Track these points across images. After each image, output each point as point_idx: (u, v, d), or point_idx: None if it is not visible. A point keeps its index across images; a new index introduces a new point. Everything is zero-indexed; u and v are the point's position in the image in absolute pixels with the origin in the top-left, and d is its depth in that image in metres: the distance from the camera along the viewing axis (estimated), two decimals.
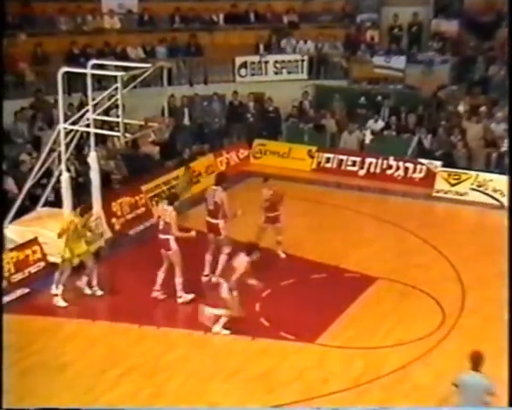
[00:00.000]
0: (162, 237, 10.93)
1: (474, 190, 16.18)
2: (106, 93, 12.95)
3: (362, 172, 17.51)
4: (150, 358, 9.83)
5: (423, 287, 11.67)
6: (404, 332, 10.37)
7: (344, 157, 17.78)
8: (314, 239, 13.67)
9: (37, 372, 9.38)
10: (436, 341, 10.14)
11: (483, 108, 18.01)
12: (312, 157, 18.15)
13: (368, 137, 18.34)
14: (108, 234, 13.41)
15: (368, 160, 17.51)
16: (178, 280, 10.95)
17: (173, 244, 10.86)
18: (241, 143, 18.80)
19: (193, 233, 11.04)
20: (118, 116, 12.31)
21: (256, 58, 20.67)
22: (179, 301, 10.97)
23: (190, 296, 10.99)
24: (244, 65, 20.58)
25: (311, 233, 13.91)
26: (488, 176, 16.16)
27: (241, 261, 9.95)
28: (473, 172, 16.36)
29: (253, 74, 20.72)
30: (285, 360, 9.75)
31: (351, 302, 11.24)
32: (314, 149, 18.21)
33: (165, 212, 10.97)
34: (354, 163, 17.64)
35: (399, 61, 20.59)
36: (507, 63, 18.16)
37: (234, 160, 18.18)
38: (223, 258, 11.81)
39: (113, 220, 13.84)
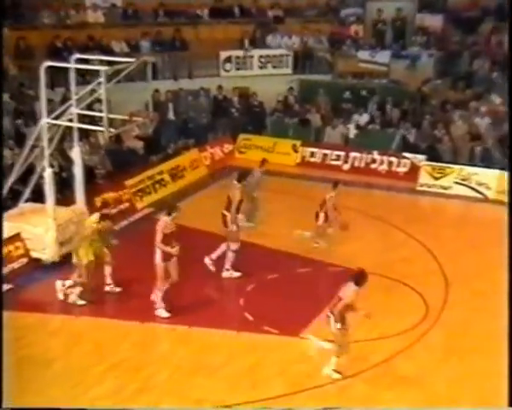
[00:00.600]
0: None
1: (458, 183, 16.29)
2: (89, 87, 12.85)
3: (346, 167, 17.58)
4: (135, 353, 9.81)
5: (407, 281, 11.72)
6: (388, 326, 10.40)
7: (328, 152, 17.84)
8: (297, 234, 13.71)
9: (22, 368, 9.32)
10: (420, 334, 10.19)
11: (472, 104, 18.12)
12: (297, 152, 18.19)
13: (352, 132, 18.41)
14: None
15: (352, 154, 17.59)
16: (157, 294, 10.60)
17: (157, 257, 10.45)
18: (226, 137, 18.78)
19: (175, 250, 10.42)
20: (101, 111, 12.22)
21: (241, 53, 20.64)
22: (155, 312, 10.66)
23: (166, 315, 10.61)
24: (229, 59, 20.54)
25: (296, 228, 13.92)
26: (472, 170, 16.27)
27: (349, 291, 8.99)
28: (457, 166, 16.47)
29: (238, 69, 20.68)
30: (269, 354, 9.75)
31: (335, 296, 11.24)
32: (298, 143, 18.24)
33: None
34: (338, 157, 17.70)
35: (384, 56, 20.67)
36: (504, 63, 18.30)
37: (219, 154, 18.16)
38: (229, 255, 11.84)
39: None
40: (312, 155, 18.03)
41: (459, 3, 21.64)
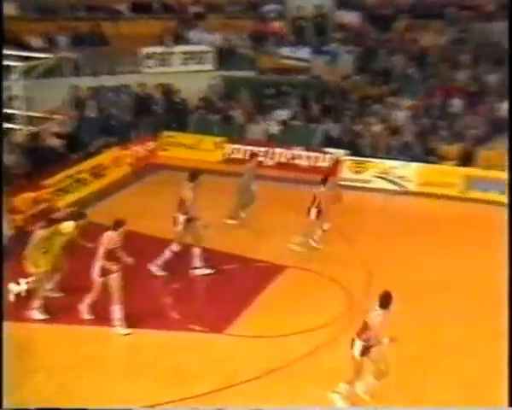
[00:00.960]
0: None
1: (378, 177, 16.69)
2: (3, 84, 12.43)
3: (270, 162, 17.71)
4: (60, 355, 9.59)
5: (331, 274, 11.91)
6: (313, 319, 10.54)
7: (252, 148, 17.89)
8: (223, 230, 13.70)
9: None
10: (343, 326, 10.36)
11: (390, 99, 18.62)
12: (221, 148, 18.17)
13: (274, 128, 18.57)
14: (9, 231, 12.90)
15: (275, 150, 17.75)
16: (87, 300, 10.39)
17: (96, 272, 10.08)
18: (149, 135, 18.56)
19: (114, 268, 9.99)
20: (13, 108, 11.83)
21: (162, 49, 20.43)
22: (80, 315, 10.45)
23: (88, 317, 10.38)
24: (150, 56, 20.29)
25: (221, 224, 13.92)
26: (392, 163, 16.71)
27: (375, 316, 8.37)
28: (377, 160, 16.87)
29: (160, 65, 20.45)
30: (197, 352, 9.71)
31: (260, 292, 11.35)
32: (222, 140, 18.23)
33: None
34: (262, 153, 17.80)
35: (305, 52, 20.93)
36: (419, 59, 18.83)
37: (141, 152, 17.92)
38: (166, 253, 11.67)
39: (15, 217, 13.34)
40: (236, 151, 18.07)
41: (374, 1, 22.20)
